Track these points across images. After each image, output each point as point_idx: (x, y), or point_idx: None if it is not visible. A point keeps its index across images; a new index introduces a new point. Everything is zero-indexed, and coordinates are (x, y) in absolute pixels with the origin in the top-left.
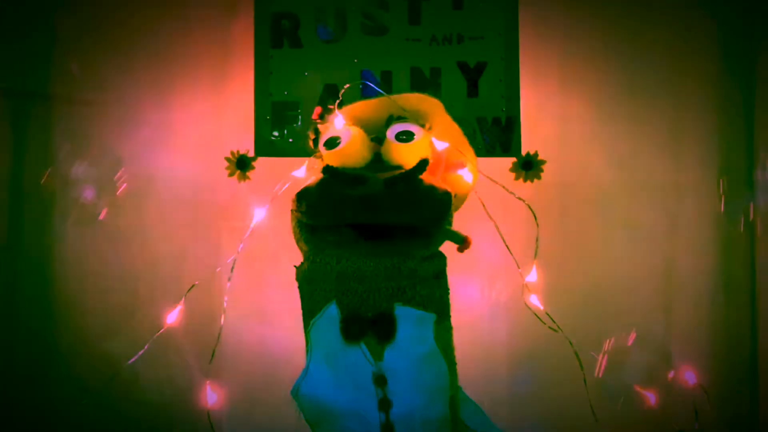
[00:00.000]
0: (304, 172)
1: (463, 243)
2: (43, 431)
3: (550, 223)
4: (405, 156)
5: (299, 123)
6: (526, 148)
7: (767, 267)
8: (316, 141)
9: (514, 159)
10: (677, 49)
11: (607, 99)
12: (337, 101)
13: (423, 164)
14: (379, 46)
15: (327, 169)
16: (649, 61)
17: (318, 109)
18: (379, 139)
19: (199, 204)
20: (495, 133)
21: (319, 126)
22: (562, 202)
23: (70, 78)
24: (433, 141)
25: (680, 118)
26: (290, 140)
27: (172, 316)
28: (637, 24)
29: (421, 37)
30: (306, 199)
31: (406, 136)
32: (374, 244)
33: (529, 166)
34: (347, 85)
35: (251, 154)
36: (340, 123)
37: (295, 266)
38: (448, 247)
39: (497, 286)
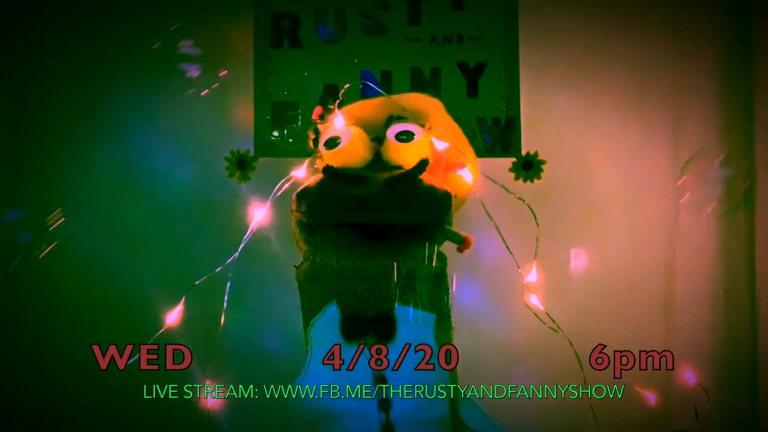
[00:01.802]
0: (304, 172)
1: (462, 243)
2: (43, 431)
3: (550, 223)
4: (405, 156)
5: (299, 123)
6: (526, 148)
7: (767, 267)
8: (316, 141)
9: (514, 159)
10: (677, 48)
11: (607, 99)
12: (337, 101)
13: (423, 164)
14: (379, 46)
15: (327, 169)
16: (650, 60)
17: (318, 109)
18: (379, 139)
19: (199, 204)
20: (495, 133)
21: (319, 126)
22: (562, 202)
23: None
24: (433, 141)
25: (680, 117)
26: (290, 140)
27: (172, 316)
28: (637, 23)
29: (421, 37)
30: (306, 199)
31: (406, 136)
32: (374, 244)
33: (529, 166)
34: (347, 85)
35: (251, 154)
36: (340, 123)
37: (295, 266)
38: (448, 247)
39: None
